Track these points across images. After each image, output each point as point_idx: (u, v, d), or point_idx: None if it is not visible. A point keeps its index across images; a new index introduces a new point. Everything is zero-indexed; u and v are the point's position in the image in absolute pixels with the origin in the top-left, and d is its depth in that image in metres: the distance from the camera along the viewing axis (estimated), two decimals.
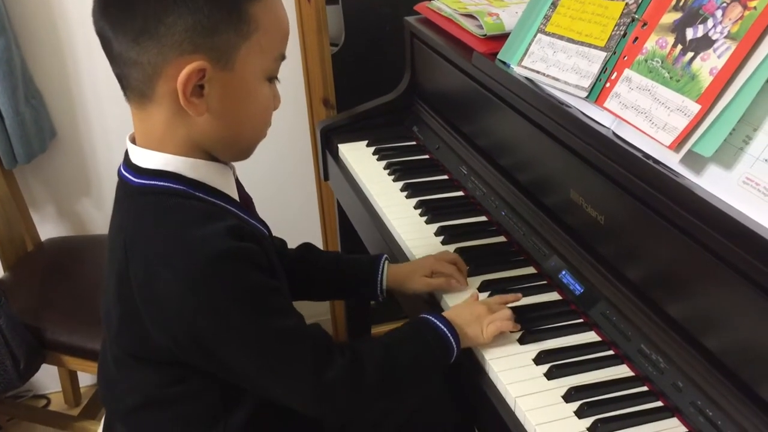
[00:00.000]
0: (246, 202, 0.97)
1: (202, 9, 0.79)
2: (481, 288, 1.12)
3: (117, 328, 0.88)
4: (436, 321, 0.98)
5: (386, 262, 1.15)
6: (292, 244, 1.19)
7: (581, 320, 1.05)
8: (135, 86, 0.84)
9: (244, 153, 0.91)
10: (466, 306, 1.04)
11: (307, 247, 1.19)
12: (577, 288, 1.08)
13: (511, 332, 1.02)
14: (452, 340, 0.97)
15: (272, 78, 0.88)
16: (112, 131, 1.89)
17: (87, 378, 2.04)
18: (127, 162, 0.89)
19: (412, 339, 0.97)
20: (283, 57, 0.88)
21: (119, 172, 0.90)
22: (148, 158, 0.86)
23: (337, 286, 1.18)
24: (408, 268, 1.16)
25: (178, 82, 0.80)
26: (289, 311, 0.88)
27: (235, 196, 0.92)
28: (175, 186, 0.85)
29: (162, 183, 0.85)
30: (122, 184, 0.89)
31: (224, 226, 0.83)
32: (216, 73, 0.82)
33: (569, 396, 0.91)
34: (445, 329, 0.97)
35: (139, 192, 0.86)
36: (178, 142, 0.85)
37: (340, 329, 2.23)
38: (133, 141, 0.89)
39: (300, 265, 1.14)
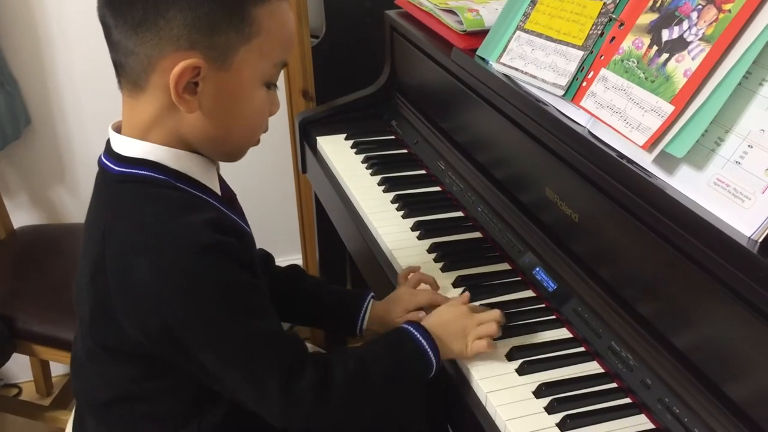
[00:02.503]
0: (229, 197, 0.95)
1: (203, 6, 0.78)
2: (456, 283, 1.13)
3: (89, 318, 0.87)
4: (416, 335, 0.95)
5: (371, 301, 1.11)
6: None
7: (554, 317, 1.06)
8: (130, 75, 0.83)
9: (232, 155, 0.90)
10: (454, 316, 0.99)
11: (294, 269, 1.16)
12: (551, 285, 1.09)
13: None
14: (432, 357, 0.94)
15: (271, 84, 0.87)
16: (87, 119, 1.87)
17: (59, 368, 2.02)
18: (108, 150, 0.88)
19: (389, 355, 0.93)
20: (284, 64, 0.87)
21: (99, 160, 0.88)
22: (130, 146, 0.85)
23: (317, 315, 1.15)
24: (384, 308, 1.11)
25: (170, 77, 0.79)
26: (267, 312, 0.87)
27: (217, 190, 0.91)
28: (156, 175, 0.84)
29: (143, 172, 0.84)
30: (102, 172, 0.88)
31: (204, 218, 0.82)
32: (211, 72, 0.81)
33: (540, 392, 0.92)
34: (425, 344, 0.94)
35: (118, 180, 0.84)
36: (164, 134, 0.84)
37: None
38: (117, 130, 0.87)
39: (286, 286, 1.11)
